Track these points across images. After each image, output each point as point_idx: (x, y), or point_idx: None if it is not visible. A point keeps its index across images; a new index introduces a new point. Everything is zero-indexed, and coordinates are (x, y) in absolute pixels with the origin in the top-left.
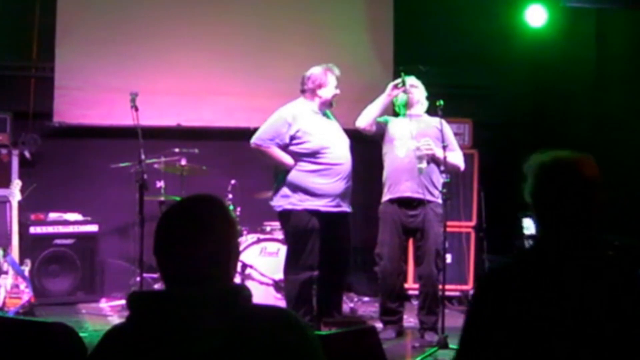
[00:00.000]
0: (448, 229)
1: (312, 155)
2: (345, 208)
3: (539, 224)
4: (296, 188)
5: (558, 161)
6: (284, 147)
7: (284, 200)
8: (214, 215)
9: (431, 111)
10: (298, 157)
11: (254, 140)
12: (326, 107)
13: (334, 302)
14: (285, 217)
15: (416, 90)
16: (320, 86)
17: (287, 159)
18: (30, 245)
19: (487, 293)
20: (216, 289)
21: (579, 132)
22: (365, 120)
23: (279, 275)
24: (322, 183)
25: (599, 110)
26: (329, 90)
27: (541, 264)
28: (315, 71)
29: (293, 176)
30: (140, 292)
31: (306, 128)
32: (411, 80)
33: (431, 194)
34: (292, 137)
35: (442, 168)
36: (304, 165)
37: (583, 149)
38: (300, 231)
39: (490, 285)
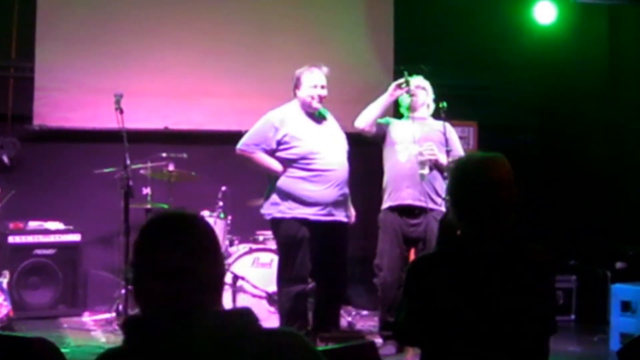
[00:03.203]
0: None
1: (301, 160)
2: (340, 217)
3: (457, 218)
4: (286, 195)
5: (469, 162)
6: (272, 153)
7: (273, 208)
8: (202, 235)
9: (434, 113)
10: (287, 163)
11: (239, 146)
12: (307, 108)
13: (331, 316)
14: (275, 226)
15: (422, 92)
16: (296, 86)
17: (275, 165)
18: (9, 256)
19: (413, 276)
20: (218, 317)
21: (591, 135)
22: (364, 120)
23: (273, 288)
24: (312, 190)
25: (612, 112)
26: (304, 91)
27: (458, 254)
28: (297, 70)
29: (282, 183)
30: (137, 319)
31: (294, 132)
32: (418, 80)
33: (434, 201)
34: (279, 142)
35: (445, 174)
36: (293, 172)
37: (594, 153)
38: (289, 241)
39: (416, 270)
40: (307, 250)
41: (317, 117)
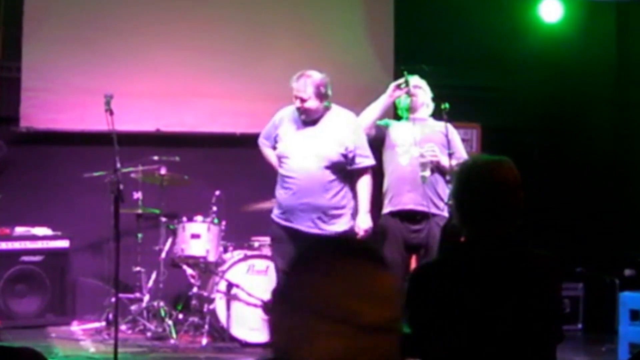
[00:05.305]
0: None
1: (280, 161)
2: (300, 227)
3: (461, 222)
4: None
5: (474, 165)
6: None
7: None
8: None
9: (436, 115)
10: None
11: None
12: (299, 114)
13: None
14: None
15: (420, 91)
16: None
17: (274, 161)
18: None
19: (415, 285)
20: None
21: (598, 137)
22: (363, 123)
23: (268, 296)
24: (278, 193)
25: (620, 113)
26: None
27: (462, 261)
28: None
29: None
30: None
31: (281, 133)
32: (415, 80)
33: (436, 206)
34: (275, 140)
35: (447, 177)
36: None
37: (602, 156)
38: (271, 241)
39: (418, 278)
40: (279, 252)
41: (309, 121)
